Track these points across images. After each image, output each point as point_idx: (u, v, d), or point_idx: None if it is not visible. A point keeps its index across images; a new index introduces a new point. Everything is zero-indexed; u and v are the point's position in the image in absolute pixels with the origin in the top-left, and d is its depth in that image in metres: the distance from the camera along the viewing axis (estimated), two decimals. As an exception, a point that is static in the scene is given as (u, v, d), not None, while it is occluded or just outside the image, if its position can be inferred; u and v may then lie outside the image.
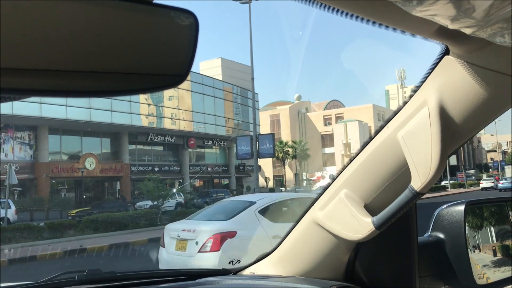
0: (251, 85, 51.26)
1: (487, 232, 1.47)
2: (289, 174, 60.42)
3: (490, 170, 63.85)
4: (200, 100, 40.55)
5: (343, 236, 1.22)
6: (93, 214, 20.19)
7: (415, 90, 1.06)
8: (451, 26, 0.70)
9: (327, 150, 66.54)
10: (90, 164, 33.14)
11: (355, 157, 1.21)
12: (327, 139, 66.47)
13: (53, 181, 32.47)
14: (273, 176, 62.84)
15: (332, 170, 59.73)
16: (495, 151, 77.51)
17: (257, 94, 50.01)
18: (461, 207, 1.36)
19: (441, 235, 1.37)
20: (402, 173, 1.09)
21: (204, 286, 1.39)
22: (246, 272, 1.54)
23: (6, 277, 8.46)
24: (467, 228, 1.35)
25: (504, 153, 78.66)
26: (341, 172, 1.26)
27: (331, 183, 1.30)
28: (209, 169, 41.87)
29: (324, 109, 73.79)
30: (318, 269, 1.39)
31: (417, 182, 1.01)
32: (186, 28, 0.45)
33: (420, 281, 1.31)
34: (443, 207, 1.40)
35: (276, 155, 51.20)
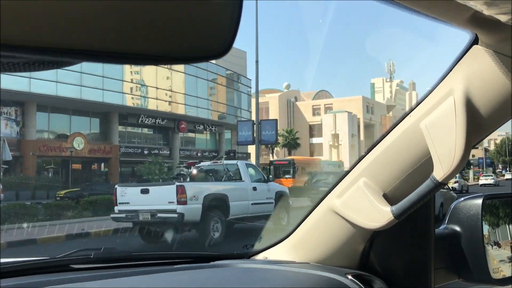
0: (244, 71, 50.69)
1: (504, 227, 1.48)
2: (275, 163, 60.07)
3: (472, 166, 64.64)
4: (193, 83, 39.52)
5: (360, 224, 1.23)
6: (84, 195, 19.43)
7: (441, 79, 1.05)
8: (486, 11, 0.72)
9: (315, 140, 66.36)
10: (78, 144, 31.97)
11: (375, 145, 1.21)
12: (315, 129, 66.27)
13: (40, 160, 31.29)
14: (259, 164, 62.34)
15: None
16: (477, 147, 78.66)
17: (250, 79, 49.22)
18: (479, 201, 1.36)
19: (457, 228, 1.36)
20: (424, 163, 1.09)
21: (218, 269, 1.42)
22: (259, 257, 1.56)
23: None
24: (484, 222, 1.36)
25: (486, 150, 79.89)
26: (359, 161, 1.25)
27: (349, 171, 1.29)
28: (198, 154, 40.93)
29: (313, 99, 73.53)
30: (332, 257, 1.40)
31: (440, 172, 1.01)
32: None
33: (435, 272, 1.31)
34: (460, 200, 1.40)
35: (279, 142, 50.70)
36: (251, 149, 58.75)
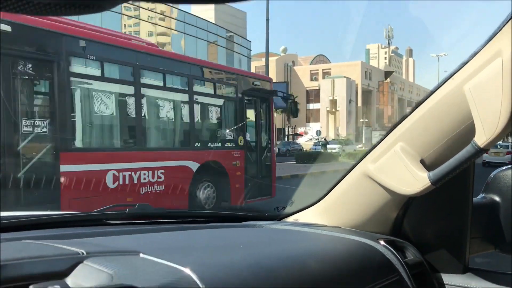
0: (244, 33, 49.00)
1: None
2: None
3: None
4: (193, 44, 38.01)
5: (395, 190, 1.22)
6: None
7: (488, 40, 0.99)
8: None
9: (311, 106, 65.55)
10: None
11: (414, 110, 1.17)
12: (312, 95, 65.39)
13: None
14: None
15: (315, 126, 59.24)
16: None
17: (250, 42, 47.71)
18: None
19: (496, 198, 1.30)
20: (465, 128, 1.07)
21: (250, 229, 1.43)
22: (290, 219, 1.56)
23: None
24: None
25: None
26: (396, 125, 1.22)
27: (386, 136, 1.25)
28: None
29: (311, 64, 72.21)
30: (364, 222, 1.39)
31: (482, 137, 0.99)
32: None
33: (471, 242, 1.29)
34: (502, 169, 1.33)
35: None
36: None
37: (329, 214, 1.46)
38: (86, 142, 6.17)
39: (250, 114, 8.94)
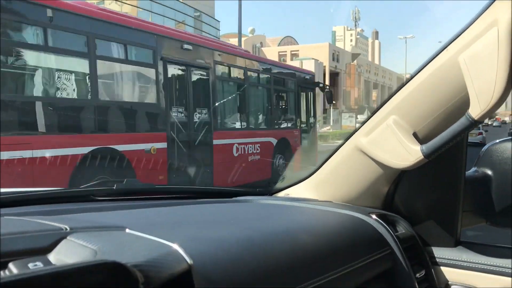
0: (212, 12, 48.01)
1: None
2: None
3: None
4: (160, 23, 36.96)
5: (387, 163, 1.21)
6: None
7: (484, 9, 0.96)
8: None
9: (280, 87, 65.42)
10: None
11: (407, 83, 1.15)
12: (280, 76, 65.28)
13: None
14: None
15: (284, 108, 59.47)
16: None
17: (219, 21, 46.92)
18: None
19: (489, 171, 1.28)
20: (459, 100, 1.05)
21: (241, 204, 1.42)
22: (281, 194, 1.56)
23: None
24: None
25: None
26: (389, 98, 1.20)
27: (378, 109, 1.24)
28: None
29: (279, 45, 71.93)
30: (356, 196, 1.38)
31: (476, 109, 0.97)
32: None
33: (462, 215, 1.29)
34: (495, 142, 1.30)
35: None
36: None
37: (321, 188, 1.45)
38: (227, 124, 8.96)
39: (302, 101, 11.78)
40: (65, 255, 0.67)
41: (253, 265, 0.83)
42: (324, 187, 1.44)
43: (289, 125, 11.17)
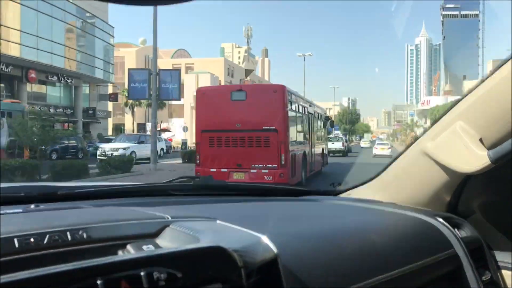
0: (106, 17, 44.14)
1: None
2: (128, 124, 55.76)
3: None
4: (48, 24, 32.50)
5: (453, 167, 1.20)
6: None
7: None
8: None
9: (174, 101, 62.90)
10: None
11: (475, 88, 1.15)
12: (174, 90, 62.76)
13: None
14: (113, 124, 57.11)
15: (179, 122, 57.12)
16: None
17: (113, 27, 43.27)
18: None
19: None
20: None
21: (308, 203, 1.48)
22: (344, 195, 1.61)
23: None
24: None
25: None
26: (455, 104, 1.21)
27: (445, 114, 1.23)
28: (51, 110, 34.04)
29: (172, 57, 69.49)
30: (420, 199, 1.38)
31: None
32: None
33: None
34: None
35: (126, 102, 45.94)
36: (112, 106, 52.86)
37: (385, 190, 1.50)
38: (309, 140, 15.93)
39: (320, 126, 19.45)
40: (169, 241, 0.75)
41: (327, 259, 0.93)
42: (388, 189, 1.49)
43: (321, 140, 19.01)
